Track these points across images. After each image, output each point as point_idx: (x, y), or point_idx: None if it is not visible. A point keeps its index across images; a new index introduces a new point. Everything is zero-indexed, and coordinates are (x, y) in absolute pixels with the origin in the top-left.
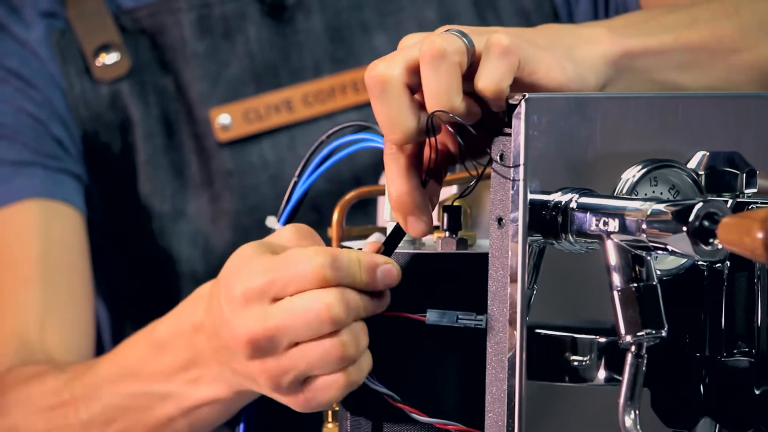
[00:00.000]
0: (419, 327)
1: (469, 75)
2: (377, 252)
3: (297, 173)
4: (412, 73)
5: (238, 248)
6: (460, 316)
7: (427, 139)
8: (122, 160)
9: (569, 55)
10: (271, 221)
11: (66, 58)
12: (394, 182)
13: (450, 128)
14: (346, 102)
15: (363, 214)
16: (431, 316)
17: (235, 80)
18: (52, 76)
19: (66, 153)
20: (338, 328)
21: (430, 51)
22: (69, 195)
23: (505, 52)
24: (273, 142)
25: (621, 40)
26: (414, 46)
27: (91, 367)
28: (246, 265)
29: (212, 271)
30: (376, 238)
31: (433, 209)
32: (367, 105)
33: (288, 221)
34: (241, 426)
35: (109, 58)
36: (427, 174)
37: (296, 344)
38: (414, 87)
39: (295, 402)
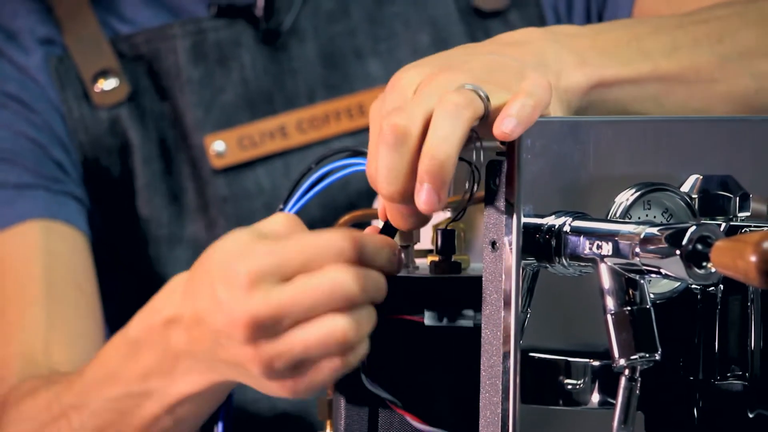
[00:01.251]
0: (419, 334)
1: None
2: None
3: (283, 202)
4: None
5: (227, 235)
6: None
7: None
8: (122, 184)
9: (557, 85)
10: None
11: (64, 84)
12: (396, 177)
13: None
14: (341, 128)
15: None
16: (429, 319)
17: (229, 107)
18: (51, 101)
19: (67, 176)
20: (348, 307)
21: (451, 103)
22: (72, 216)
23: (530, 113)
24: (268, 169)
25: (596, 70)
26: (430, 96)
27: (81, 374)
28: (247, 247)
29: None
30: None
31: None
32: (362, 131)
33: None
34: (219, 425)
35: (108, 84)
36: None
37: (297, 324)
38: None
39: (281, 388)
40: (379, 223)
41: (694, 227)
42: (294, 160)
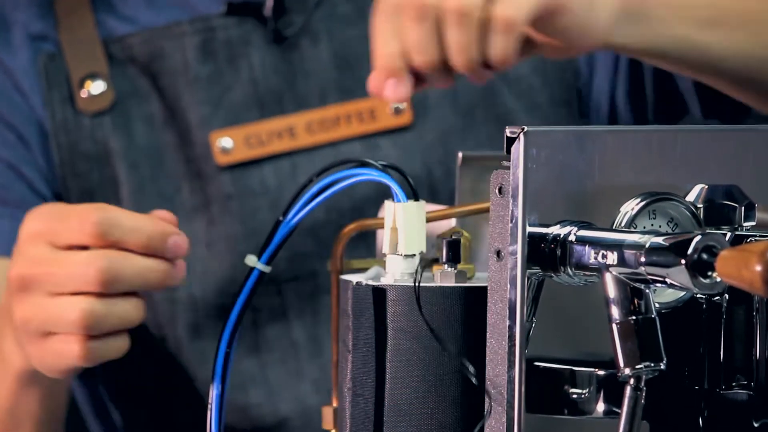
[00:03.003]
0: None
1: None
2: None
3: (283, 213)
4: None
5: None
6: None
7: None
8: (102, 191)
9: None
10: (251, 260)
11: (51, 85)
12: (387, 42)
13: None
14: (351, 131)
15: (364, 246)
16: None
17: (237, 105)
18: (31, 110)
19: (36, 195)
20: (101, 292)
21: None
22: None
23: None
24: (274, 168)
25: None
26: None
27: None
28: (37, 210)
29: (209, 295)
30: (376, 272)
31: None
32: (372, 135)
33: (269, 262)
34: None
35: (95, 88)
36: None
37: (53, 293)
38: None
39: (35, 350)
40: (383, 233)
41: (699, 237)
42: (302, 161)
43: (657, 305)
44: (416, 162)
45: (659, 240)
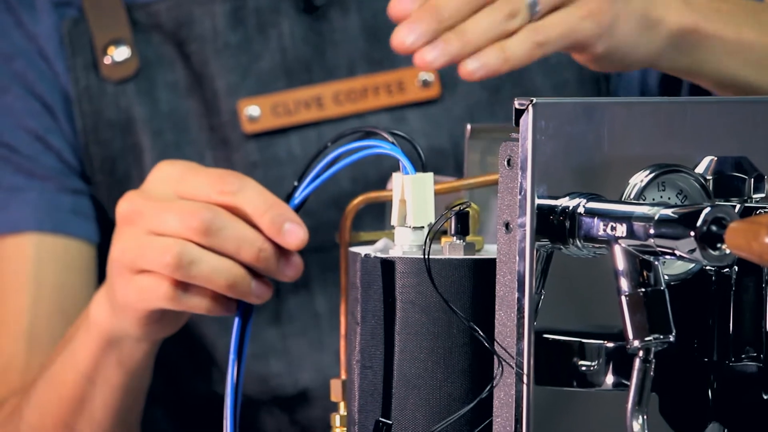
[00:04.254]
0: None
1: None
2: None
3: (298, 179)
4: None
5: None
6: None
7: None
8: (125, 159)
9: (649, 13)
10: None
11: (75, 50)
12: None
13: None
14: (378, 103)
15: (372, 218)
16: None
17: (265, 74)
18: (56, 77)
19: (64, 165)
20: (199, 241)
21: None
22: (63, 222)
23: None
24: (301, 138)
25: (695, 16)
26: None
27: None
28: (177, 160)
29: None
30: (384, 244)
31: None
32: (399, 108)
33: None
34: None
35: (119, 54)
36: None
37: (155, 232)
38: None
39: (120, 290)
40: (390, 207)
41: (708, 209)
42: (328, 131)
43: (666, 277)
44: (443, 135)
45: (668, 212)
